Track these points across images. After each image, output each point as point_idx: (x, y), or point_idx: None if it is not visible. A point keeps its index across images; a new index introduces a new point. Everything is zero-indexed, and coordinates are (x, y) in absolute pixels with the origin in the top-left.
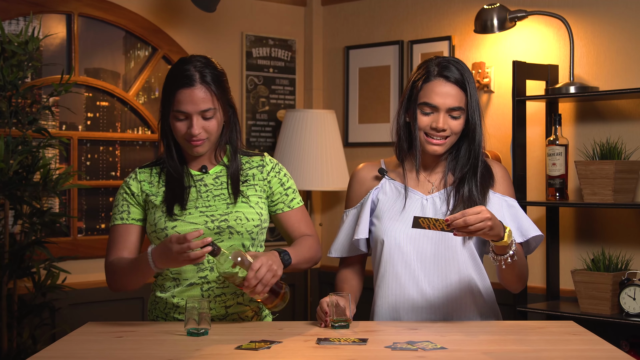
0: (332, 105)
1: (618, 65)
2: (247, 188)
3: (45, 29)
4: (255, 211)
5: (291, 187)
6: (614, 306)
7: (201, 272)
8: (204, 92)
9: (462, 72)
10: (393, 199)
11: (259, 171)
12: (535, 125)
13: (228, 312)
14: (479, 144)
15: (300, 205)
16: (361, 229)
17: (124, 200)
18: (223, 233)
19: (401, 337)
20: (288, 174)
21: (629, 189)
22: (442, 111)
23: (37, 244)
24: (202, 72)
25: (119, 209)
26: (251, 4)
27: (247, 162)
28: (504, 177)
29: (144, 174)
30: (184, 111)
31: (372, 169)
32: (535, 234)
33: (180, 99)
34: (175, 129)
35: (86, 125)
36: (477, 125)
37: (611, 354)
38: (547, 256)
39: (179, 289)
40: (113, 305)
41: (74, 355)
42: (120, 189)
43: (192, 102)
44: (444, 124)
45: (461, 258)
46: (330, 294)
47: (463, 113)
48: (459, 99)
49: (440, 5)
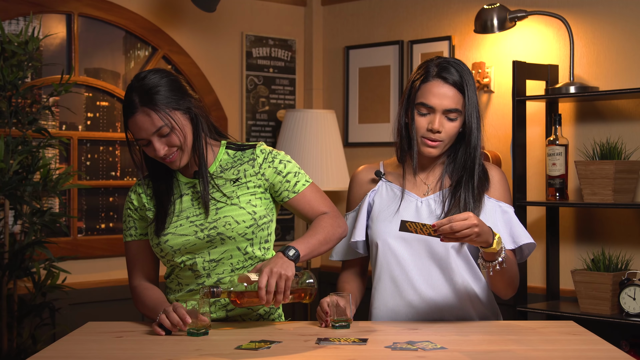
0: (332, 105)
1: (618, 65)
2: (237, 187)
3: (45, 29)
4: (247, 211)
5: (290, 171)
6: (614, 306)
7: (199, 279)
8: (146, 115)
9: (461, 74)
10: (388, 201)
11: (250, 165)
12: (535, 125)
13: (228, 316)
14: (474, 148)
15: (307, 185)
16: (357, 232)
17: (129, 216)
18: (214, 241)
19: (401, 337)
20: (285, 159)
21: (629, 189)
22: (438, 112)
23: (37, 244)
24: (140, 94)
25: (126, 225)
26: (251, 4)
27: (239, 158)
28: (500, 182)
29: (142, 187)
30: (140, 138)
31: (369, 172)
32: (527, 241)
33: (132, 129)
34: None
35: (86, 125)
36: (475, 128)
37: (611, 354)
38: (547, 256)
39: (180, 294)
40: (113, 305)
41: (74, 355)
42: (125, 203)
43: (141, 128)
44: (439, 125)
45: (456, 260)
46: (330, 294)
47: (460, 115)
48: (456, 101)
49: (440, 5)
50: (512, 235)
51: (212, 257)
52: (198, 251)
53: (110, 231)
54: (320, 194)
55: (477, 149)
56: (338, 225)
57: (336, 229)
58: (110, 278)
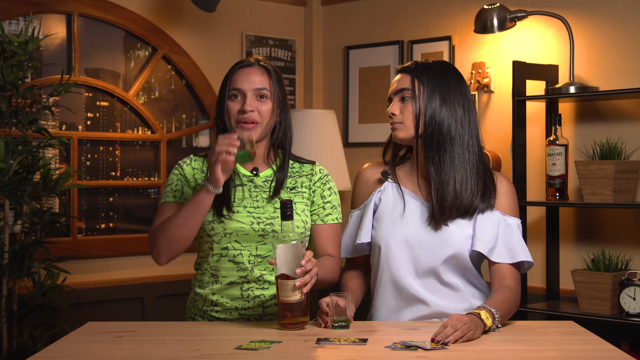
0: (332, 105)
1: (618, 65)
2: (294, 195)
3: (45, 29)
4: (301, 219)
5: (331, 202)
6: (614, 306)
7: (241, 272)
8: (260, 72)
9: (416, 66)
10: (393, 203)
11: (308, 179)
12: (535, 125)
13: (265, 313)
14: (460, 144)
15: (335, 223)
16: (364, 233)
17: (178, 180)
18: (267, 236)
19: (401, 337)
20: (334, 189)
21: (629, 189)
22: (393, 97)
23: (37, 244)
24: (266, 62)
25: (172, 188)
26: (251, 4)
27: (297, 168)
28: (507, 193)
29: (198, 162)
30: (239, 88)
31: (376, 170)
32: (524, 259)
33: (237, 77)
34: (228, 109)
35: (86, 125)
36: (433, 123)
37: (611, 354)
38: (547, 256)
39: (217, 286)
40: (113, 305)
41: (74, 355)
42: (175, 169)
43: (248, 79)
44: (391, 107)
45: (457, 264)
46: (330, 294)
47: (411, 98)
48: (406, 83)
49: (440, 5)
50: (511, 250)
51: (259, 252)
52: (247, 243)
53: (110, 231)
54: (338, 236)
55: (465, 145)
56: (336, 272)
57: (336, 277)
58: (110, 278)
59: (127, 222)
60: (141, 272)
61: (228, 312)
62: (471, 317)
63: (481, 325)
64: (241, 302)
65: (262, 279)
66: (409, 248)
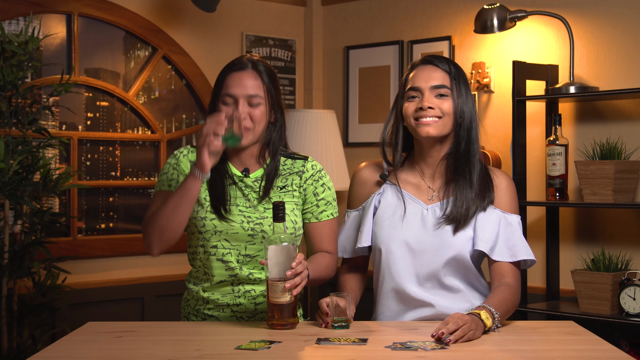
0: (332, 105)
1: (618, 65)
2: (284, 194)
3: (45, 29)
4: (290, 219)
5: (325, 198)
6: (614, 306)
7: (230, 271)
8: (254, 77)
9: (448, 61)
10: (394, 206)
11: (298, 176)
12: (535, 125)
13: (257, 309)
14: (469, 141)
15: (330, 219)
16: (364, 237)
17: (174, 169)
18: (256, 236)
19: (401, 337)
20: (328, 184)
21: (629, 189)
22: (426, 90)
23: (37, 244)
24: (258, 64)
25: (167, 177)
26: (251, 4)
27: (289, 166)
28: (507, 190)
29: (194, 155)
30: (231, 94)
31: (374, 171)
32: (525, 257)
33: (230, 82)
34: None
35: (86, 125)
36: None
37: (611, 354)
38: (547, 256)
39: (208, 284)
40: (113, 305)
41: (74, 355)
42: (171, 159)
43: (240, 84)
44: (428, 102)
45: (458, 266)
46: (330, 294)
47: (450, 94)
48: (443, 79)
49: (441, 6)
50: (512, 249)
51: (248, 252)
52: (236, 242)
53: (110, 231)
54: (335, 231)
55: (472, 144)
56: (334, 270)
57: (332, 273)
58: (110, 278)
59: (127, 222)
60: (141, 272)
61: (220, 309)
62: (471, 317)
63: (481, 326)
64: (232, 297)
65: (251, 277)
66: (410, 251)
